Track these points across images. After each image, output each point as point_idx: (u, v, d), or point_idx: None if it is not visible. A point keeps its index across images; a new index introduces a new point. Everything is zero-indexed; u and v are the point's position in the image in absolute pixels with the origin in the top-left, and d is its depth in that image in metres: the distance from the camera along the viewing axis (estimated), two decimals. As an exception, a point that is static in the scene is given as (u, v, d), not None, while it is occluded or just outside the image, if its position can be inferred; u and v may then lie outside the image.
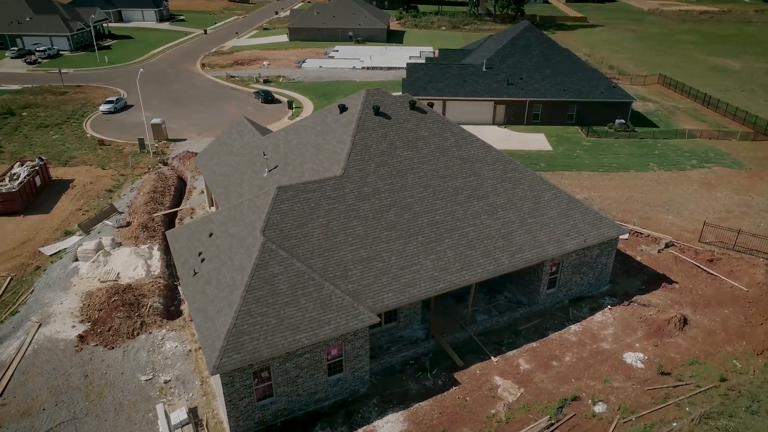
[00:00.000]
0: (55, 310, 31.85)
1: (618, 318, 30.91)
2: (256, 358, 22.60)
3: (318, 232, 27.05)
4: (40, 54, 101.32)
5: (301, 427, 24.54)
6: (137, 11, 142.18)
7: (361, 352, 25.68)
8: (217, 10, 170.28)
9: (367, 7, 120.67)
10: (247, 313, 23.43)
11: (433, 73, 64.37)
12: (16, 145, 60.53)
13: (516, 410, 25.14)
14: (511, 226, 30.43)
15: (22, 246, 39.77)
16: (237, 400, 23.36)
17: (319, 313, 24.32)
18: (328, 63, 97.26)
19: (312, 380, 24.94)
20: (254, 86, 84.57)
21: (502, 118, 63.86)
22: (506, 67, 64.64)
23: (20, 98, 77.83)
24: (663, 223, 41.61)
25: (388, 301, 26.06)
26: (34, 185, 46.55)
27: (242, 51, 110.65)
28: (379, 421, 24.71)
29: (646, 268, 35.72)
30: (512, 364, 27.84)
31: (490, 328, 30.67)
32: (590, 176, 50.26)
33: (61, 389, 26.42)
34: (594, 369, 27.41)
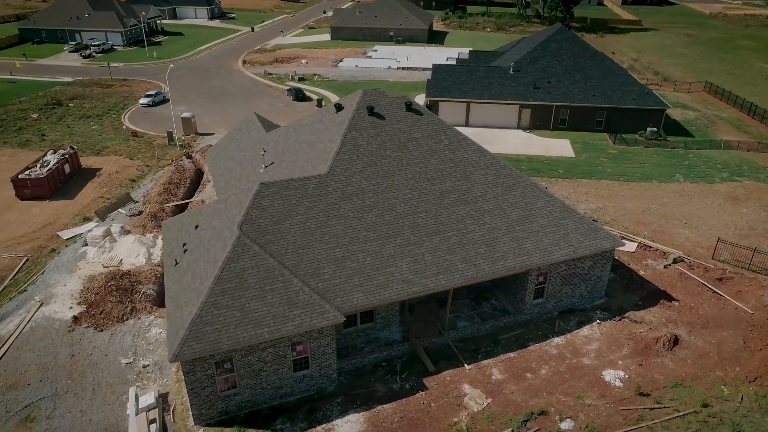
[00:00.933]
0: (58, 291, 33.61)
1: (605, 333, 29.74)
2: (216, 349, 23.16)
3: (295, 229, 27.38)
4: (95, 48, 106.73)
5: (264, 420, 24.94)
6: (190, 9, 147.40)
7: (327, 350, 25.83)
8: (267, 8, 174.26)
9: (409, 7, 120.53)
10: (212, 305, 24.02)
11: (459, 74, 63.68)
12: (58, 133, 64.06)
13: (479, 420, 24.65)
14: (497, 233, 29.81)
15: (43, 229, 42.14)
16: (199, 388, 23.99)
17: (285, 309, 24.64)
18: (365, 63, 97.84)
19: (276, 375, 25.29)
20: (289, 84, 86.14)
21: (527, 122, 62.46)
22: (534, 70, 63.15)
23: (70, 90, 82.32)
24: (677, 237, 39.66)
25: (357, 301, 26.10)
26: (62, 172, 49.17)
27: (284, 49, 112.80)
28: (339, 420, 24.79)
29: (648, 283, 34.16)
30: (485, 373, 27.29)
31: (471, 335, 30.15)
32: (609, 185, 48.47)
33: (48, 366, 27.89)
34: (569, 384, 26.50)
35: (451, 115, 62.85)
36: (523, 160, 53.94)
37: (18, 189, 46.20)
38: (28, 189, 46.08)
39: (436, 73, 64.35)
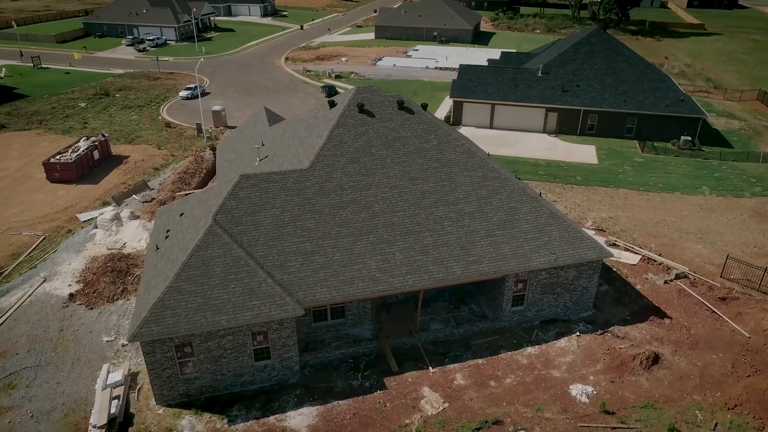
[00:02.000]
0: (62, 269, 35.62)
1: (583, 346, 28.58)
2: (174, 333, 23.94)
3: (268, 222, 27.86)
4: (149, 43, 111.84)
5: (222, 406, 25.53)
6: (244, 6, 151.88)
7: (288, 342, 26.16)
8: (320, 6, 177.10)
9: (455, 7, 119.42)
10: (176, 290, 24.83)
11: (485, 75, 62.64)
12: (100, 122, 67.63)
13: (431, 424, 24.30)
14: (475, 236, 29.23)
15: (64, 210, 44.67)
16: (159, 369, 24.86)
17: (245, 298, 25.15)
18: (403, 62, 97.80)
19: (237, 362, 25.85)
20: (325, 81, 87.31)
21: (553, 126, 60.68)
22: (564, 72, 61.26)
23: (119, 81, 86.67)
24: (688, 252, 37.55)
25: (320, 295, 26.29)
26: (91, 158, 51.91)
27: (328, 47, 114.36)
28: (292, 412, 25.07)
29: (642, 298, 32.56)
30: (448, 377, 26.85)
31: (443, 338, 29.71)
32: (626, 194, 46.42)
33: (37, 338, 29.63)
34: (532, 395, 25.68)
35: (475, 116, 61.98)
36: (542, 165, 52.49)
37: (48, 172, 49.18)
38: (57, 172, 48.98)
39: (462, 73, 63.56)
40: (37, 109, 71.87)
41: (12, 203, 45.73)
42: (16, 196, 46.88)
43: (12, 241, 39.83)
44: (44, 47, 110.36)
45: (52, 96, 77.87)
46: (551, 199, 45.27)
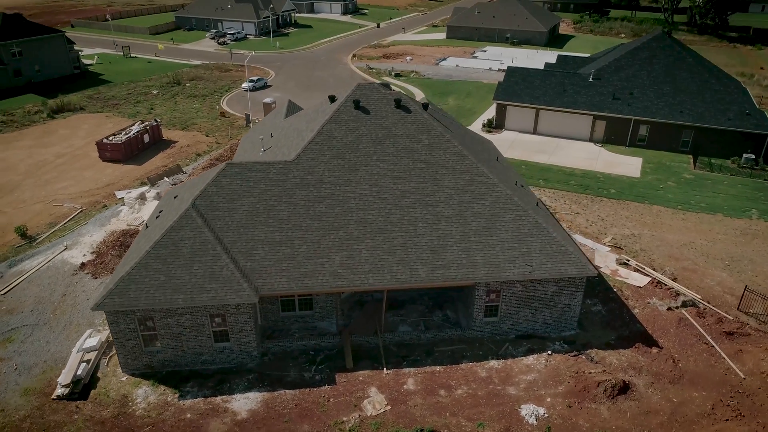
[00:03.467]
0: (84, 240, 38.76)
1: (550, 366, 26.98)
2: (133, 306, 25.41)
3: (244, 209, 28.73)
4: (230, 36, 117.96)
5: (179, 381, 26.76)
6: (326, 4, 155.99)
7: (245, 327, 26.90)
8: (402, 5, 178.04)
9: (531, 8, 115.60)
10: (143, 266, 26.32)
11: (533, 79, 60.30)
12: (164, 108, 72.44)
13: (367, 425, 24.06)
14: (448, 240, 28.45)
15: (106, 187, 48.44)
16: (123, 340, 26.48)
17: (205, 281, 26.16)
18: (468, 63, 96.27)
19: (196, 341, 26.96)
20: (384, 79, 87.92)
21: (601, 135, 57.30)
22: (617, 79, 57.63)
23: (193, 72, 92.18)
24: (708, 279, 34.25)
25: (278, 285, 26.77)
26: (141, 141, 55.83)
27: (397, 46, 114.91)
28: (239, 395, 25.78)
29: (636, 323, 30.15)
30: (399, 381, 26.40)
31: (409, 341, 29.20)
32: (660, 212, 43.01)
33: (42, 300, 32.51)
34: (479, 410, 24.66)
35: (519, 121, 59.92)
36: (576, 175, 49.82)
37: (100, 151, 53.52)
38: (108, 152, 53.18)
39: (508, 75, 61.60)
40: (114, 94, 78.22)
41: (64, 177, 50.26)
42: (69, 172, 51.46)
43: (53, 212, 43.81)
44: (138, 38, 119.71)
45: (131, 83, 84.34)
46: (574, 211, 42.97)
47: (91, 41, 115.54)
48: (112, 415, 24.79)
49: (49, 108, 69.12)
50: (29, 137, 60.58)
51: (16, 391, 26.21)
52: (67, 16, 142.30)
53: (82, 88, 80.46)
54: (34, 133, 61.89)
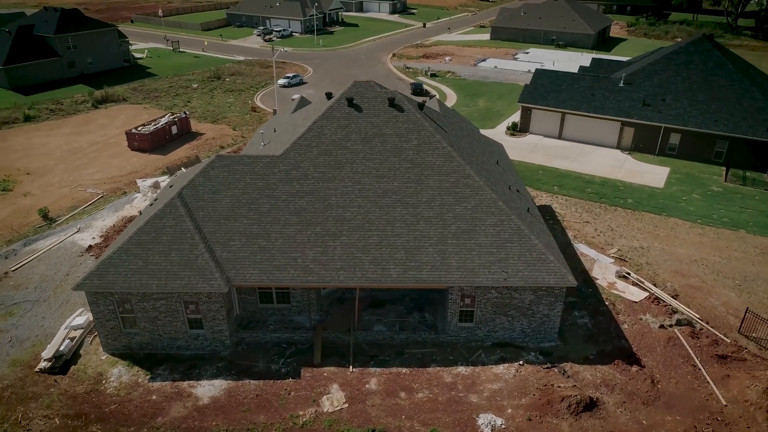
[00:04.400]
0: (96, 224, 40.69)
1: (519, 377, 26.15)
2: (110, 288, 26.49)
3: (227, 201, 29.38)
4: (276, 34, 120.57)
5: (153, 363, 27.70)
6: (375, 3, 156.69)
7: (217, 315, 27.51)
8: (452, 5, 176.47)
9: (580, 10, 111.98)
10: (124, 251, 27.40)
11: (560, 82, 58.46)
12: (200, 102, 74.92)
13: (321, 421, 24.13)
14: (424, 242, 28.07)
15: (129, 175, 50.64)
16: (103, 320, 27.65)
17: (180, 268, 26.93)
18: (507, 64, 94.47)
19: (171, 326, 27.81)
20: (419, 78, 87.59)
21: (629, 142, 54.90)
22: (650, 84, 55.03)
23: (235, 67, 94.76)
24: (713, 298, 32.26)
25: (250, 277, 27.21)
26: (168, 132, 57.99)
27: (439, 46, 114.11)
28: (206, 381, 26.41)
29: (621, 339, 28.77)
30: (363, 380, 26.29)
31: (382, 341, 29.00)
32: (677, 225, 40.81)
33: (47, 278, 34.37)
34: (435, 415, 24.23)
35: (544, 124, 58.29)
36: (594, 183, 47.99)
37: (129, 141, 55.99)
38: (136, 142, 55.57)
39: (536, 78, 59.97)
40: (157, 87, 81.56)
41: (94, 164, 52.89)
42: (99, 159, 54.11)
43: (76, 196, 46.20)
44: (191, 34, 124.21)
45: (175, 76, 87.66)
46: (584, 220, 41.45)
47: (147, 36, 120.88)
48: (84, 391, 25.95)
49: (94, 98, 72.89)
50: (70, 125, 64.10)
51: (5, 361, 27.86)
52: (129, 12, 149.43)
53: (128, 80, 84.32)
54: (76, 122, 65.43)
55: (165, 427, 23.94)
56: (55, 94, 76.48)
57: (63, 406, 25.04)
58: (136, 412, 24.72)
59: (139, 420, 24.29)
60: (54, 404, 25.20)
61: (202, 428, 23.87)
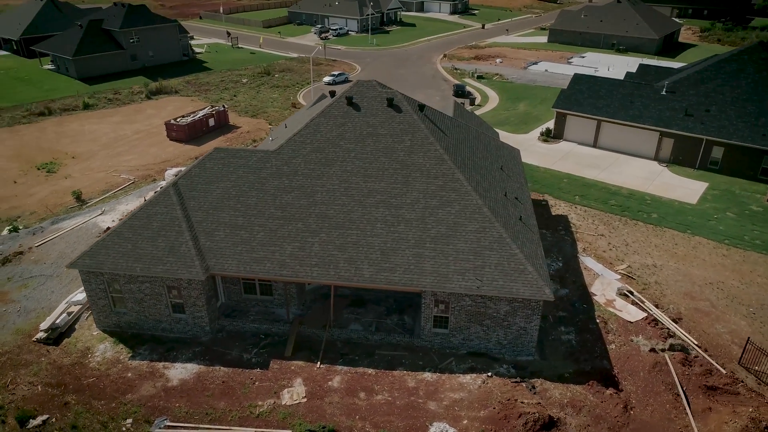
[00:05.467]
0: (119, 208, 43.10)
1: (484, 388, 25.40)
2: (99, 268, 28.06)
3: (217, 192, 30.35)
4: (332, 32, 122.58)
5: (137, 342, 29.09)
6: (435, 3, 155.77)
7: (197, 302, 28.50)
8: (516, 6, 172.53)
9: (645, 13, 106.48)
10: (116, 234, 28.93)
11: (599, 88, 55.97)
12: (246, 96, 77.43)
13: (276, 413, 24.52)
14: (402, 244, 27.83)
15: (162, 163, 53.19)
16: (95, 298, 29.32)
17: (164, 254, 28.12)
18: (559, 68, 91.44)
19: (155, 309, 29.08)
20: (464, 80, 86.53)
21: (667, 154, 51.79)
22: (695, 93, 51.65)
23: (287, 64, 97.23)
24: (720, 325, 30.01)
25: (228, 267, 27.99)
26: (205, 124, 60.39)
27: (493, 47, 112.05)
28: (179, 364, 27.44)
29: (604, 360, 27.31)
30: (327, 377, 26.44)
31: (357, 340, 29.01)
32: (699, 244, 38.17)
33: (63, 255, 36.77)
34: (389, 419, 24.00)
35: (579, 132, 56.07)
36: (620, 194, 45.68)
37: (168, 131, 58.82)
38: (173, 132, 58.31)
39: (573, 83, 57.70)
40: (209, 81, 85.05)
41: (133, 151, 55.97)
42: (139, 147, 57.19)
43: (110, 180, 49.09)
44: (253, 31, 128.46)
45: (228, 71, 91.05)
46: (598, 233, 39.61)
47: (211, 32, 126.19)
48: (70, 363, 27.65)
49: (149, 89, 77.02)
50: (121, 114, 68.10)
51: (10, 329, 30.13)
52: (200, 9, 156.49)
53: (184, 74, 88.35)
54: (127, 111, 69.42)
55: (132, 403, 25.12)
56: (115, 85, 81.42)
57: (47, 375, 26.80)
58: (110, 387, 26.08)
59: (110, 395, 25.61)
60: (41, 372, 27.02)
61: (164, 408, 24.86)
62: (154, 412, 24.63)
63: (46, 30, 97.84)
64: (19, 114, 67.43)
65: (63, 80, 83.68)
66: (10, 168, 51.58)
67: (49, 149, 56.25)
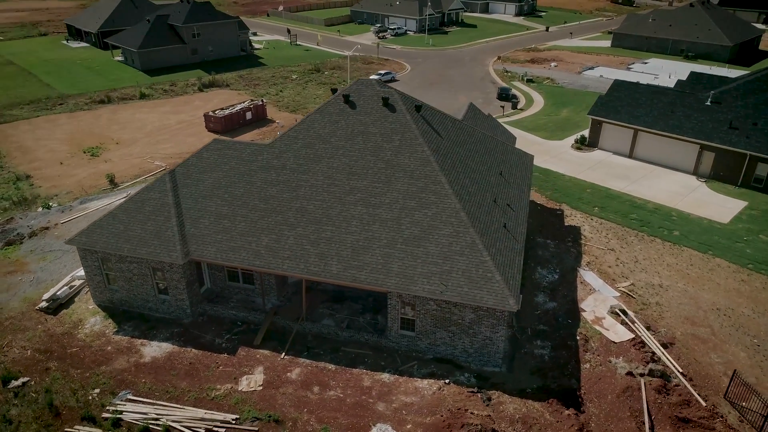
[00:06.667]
0: (143, 192, 45.56)
1: (437, 395, 24.90)
2: (91, 246, 29.93)
3: (210, 181, 31.55)
4: (390, 32, 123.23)
5: (125, 318, 30.77)
6: (501, 4, 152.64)
7: (179, 285, 29.76)
8: (587, 9, 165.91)
9: (719, 18, 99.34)
10: (112, 216, 30.75)
11: (638, 95, 53.03)
12: (291, 92, 79.45)
13: (230, 398, 25.21)
14: (374, 243, 27.78)
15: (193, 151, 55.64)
16: (91, 274, 31.28)
17: (150, 237, 29.59)
18: (615, 74, 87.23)
19: (142, 288, 30.64)
20: (512, 83, 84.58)
21: (707, 169, 48.34)
22: (742, 105, 47.85)
23: (338, 62, 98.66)
24: (715, 354, 27.82)
25: (207, 253, 29.04)
26: (242, 117, 62.57)
27: (552, 51, 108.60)
28: (155, 342, 28.79)
29: (572, 378, 26.01)
30: (288, 368, 26.87)
31: (327, 335, 29.24)
32: (717, 267, 35.43)
33: (83, 233, 39.40)
34: (334, 415, 24.07)
35: (614, 141, 53.46)
36: (645, 208, 43.16)
37: (206, 122, 61.48)
38: (211, 123, 60.90)
39: (612, 90, 54.99)
40: (260, 76, 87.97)
41: (172, 140, 58.98)
42: (178, 136, 60.17)
43: (144, 166, 52.02)
44: (315, 29, 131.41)
45: (281, 67, 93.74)
46: (609, 247, 37.70)
47: (274, 29, 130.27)
48: (61, 332, 29.70)
49: (201, 82, 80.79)
50: (171, 105, 71.86)
51: (20, 297, 32.73)
52: (269, 6, 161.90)
53: (239, 68, 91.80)
54: (177, 102, 73.16)
55: (104, 374, 26.66)
56: (173, 77, 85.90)
57: (39, 342, 28.94)
58: (89, 357, 27.80)
59: (87, 365, 27.30)
60: (34, 338, 29.21)
61: (131, 382, 26.20)
62: (120, 385, 26.03)
63: (121, 24, 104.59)
64: (83, 101, 72.71)
65: (129, 71, 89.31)
66: (60, 150, 55.81)
67: (99, 134, 60.33)
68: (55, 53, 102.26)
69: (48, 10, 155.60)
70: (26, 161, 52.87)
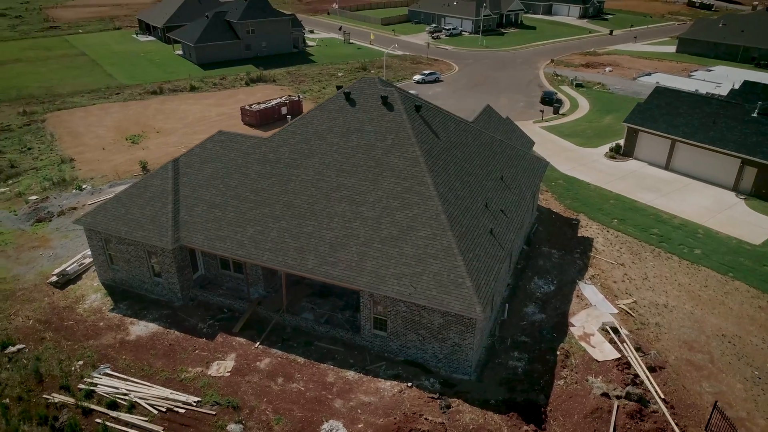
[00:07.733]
0: (168, 179, 47.61)
1: (396, 397, 24.57)
2: (94, 227, 31.68)
3: (209, 171, 32.62)
4: (445, 32, 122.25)
5: (123, 297, 32.35)
6: (564, 6, 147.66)
7: (170, 269, 30.94)
8: (659, 12, 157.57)
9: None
10: (116, 200, 32.43)
11: (679, 104, 49.93)
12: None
13: (197, 381, 25.96)
14: (351, 240, 27.77)
15: (226, 144, 57.59)
16: (96, 254, 33.12)
17: (146, 221, 30.96)
18: (673, 81, 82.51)
19: (139, 270, 32.10)
20: (560, 87, 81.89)
21: (748, 185, 44.88)
22: (792, 118, 44.08)
23: (387, 60, 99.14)
24: (706, 383, 25.88)
25: (195, 240, 30.03)
26: (277, 112, 64.07)
27: (611, 55, 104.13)
28: (143, 322, 30.10)
29: (542, 394, 24.90)
30: (260, 357, 27.36)
31: (305, 328, 29.52)
32: (734, 291, 32.88)
33: (105, 215, 41.72)
34: (291, 407, 24.27)
35: (650, 151, 50.71)
36: (669, 223, 40.66)
37: (242, 115, 63.45)
38: (246, 117, 62.80)
39: (652, 97, 52.07)
40: (307, 72, 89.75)
41: (209, 131, 60.97)
42: (215, 127, 62.01)
43: (176, 154, 54.11)
44: (372, 28, 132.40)
45: (329, 65, 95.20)
46: (619, 262, 35.85)
47: (330, 27, 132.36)
48: (63, 306, 31.64)
49: (249, 77, 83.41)
50: (216, 97, 74.64)
51: (36, 270, 35.14)
52: (329, 5, 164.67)
53: (289, 65, 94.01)
54: (222, 95, 75.89)
55: (90, 348, 28.19)
56: (225, 71, 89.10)
57: (42, 313, 30.97)
58: (81, 331, 29.48)
59: (78, 338, 28.96)
60: (38, 310, 31.28)
61: (112, 357, 27.57)
62: (102, 359, 27.44)
63: (185, 20, 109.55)
64: (137, 91, 76.90)
65: (186, 65, 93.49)
66: (105, 136, 59.31)
67: (143, 123, 63.61)
68: (124, 46, 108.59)
69: (127, 6, 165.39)
70: (73, 145, 56.56)
